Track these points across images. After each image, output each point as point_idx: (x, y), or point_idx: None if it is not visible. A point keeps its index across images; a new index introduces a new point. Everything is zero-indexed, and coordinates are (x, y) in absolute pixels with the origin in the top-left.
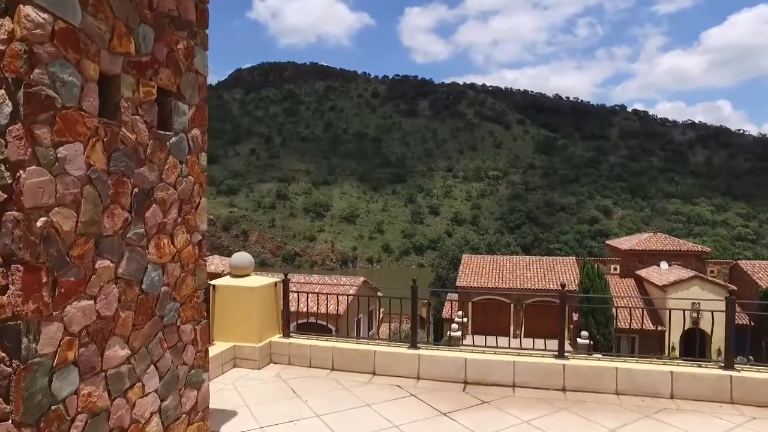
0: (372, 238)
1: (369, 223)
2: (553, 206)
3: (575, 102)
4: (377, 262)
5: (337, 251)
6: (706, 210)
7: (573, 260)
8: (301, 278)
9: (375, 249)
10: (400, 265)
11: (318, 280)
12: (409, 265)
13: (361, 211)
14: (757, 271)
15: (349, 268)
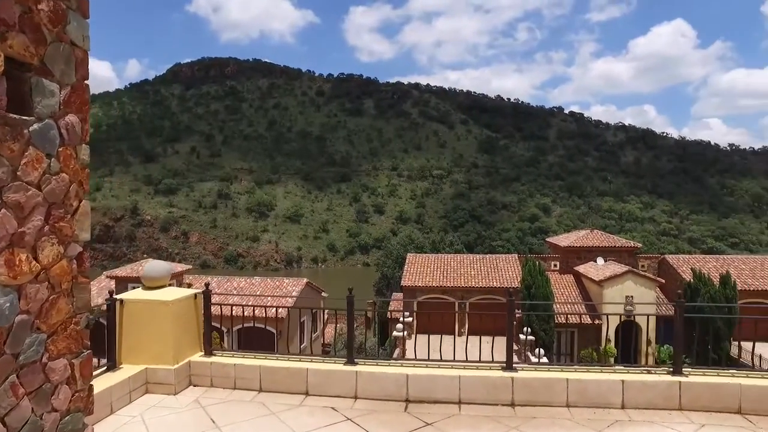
0: (317, 237)
1: (314, 223)
2: (496, 204)
3: (516, 103)
4: (322, 261)
5: (281, 251)
6: (635, 207)
7: (515, 258)
8: (242, 280)
9: (320, 249)
10: (345, 264)
11: (260, 282)
12: (355, 265)
13: (306, 210)
14: (681, 265)
15: (294, 268)
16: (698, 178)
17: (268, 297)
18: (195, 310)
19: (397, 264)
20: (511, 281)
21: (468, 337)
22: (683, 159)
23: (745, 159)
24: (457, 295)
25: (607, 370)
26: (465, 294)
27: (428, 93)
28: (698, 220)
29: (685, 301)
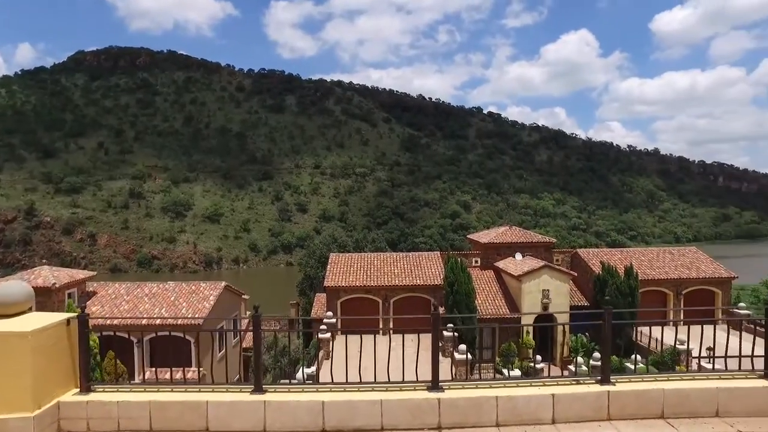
0: (238, 237)
1: (234, 222)
2: (418, 202)
3: (437, 103)
4: (244, 262)
5: (200, 252)
6: (549, 203)
7: (438, 255)
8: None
9: (241, 249)
10: (268, 264)
11: (174, 287)
12: (278, 265)
13: (226, 209)
14: (591, 258)
15: (214, 270)
16: (603, 176)
17: (183, 303)
18: (68, 339)
19: (320, 264)
20: (434, 278)
21: (392, 338)
22: (590, 158)
23: (641, 159)
24: (381, 294)
25: (537, 383)
26: (389, 293)
27: (351, 91)
28: (603, 215)
29: (612, 308)
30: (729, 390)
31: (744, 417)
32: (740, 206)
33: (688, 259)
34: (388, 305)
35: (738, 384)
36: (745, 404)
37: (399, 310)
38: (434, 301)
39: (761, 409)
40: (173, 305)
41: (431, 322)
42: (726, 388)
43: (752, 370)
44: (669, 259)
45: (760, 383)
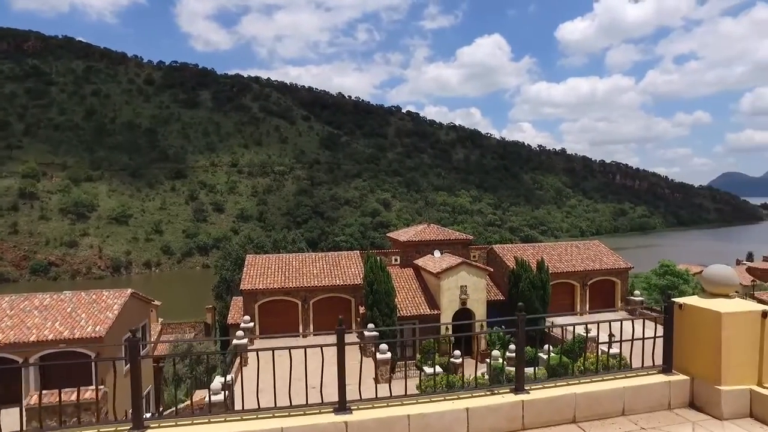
0: (149, 239)
1: (145, 224)
2: (338, 200)
3: (357, 101)
4: (156, 266)
5: (106, 257)
6: (465, 201)
7: (357, 254)
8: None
9: (153, 252)
10: (183, 267)
11: (71, 297)
12: (194, 267)
13: (135, 210)
14: (506, 254)
15: (123, 275)
16: (516, 174)
17: (82, 314)
18: None
19: (236, 266)
20: (353, 278)
21: (312, 337)
22: (504, 157)
23: (550, 158)
24: (300, 295)
25: (451, 396)
26: (308, 294)
27: (269, 87)
28: (517, 211)
29: (526, 314)
30: (633, 388)
31: (646, 413)
32: (633, 202)
33: (592, 252)
34: (307, 307)
35: (640, 382)
36: (648, 400)
37: (319, 311)
38: (341, 317)
39: (661, 403)
40: (70, 318)
41: (337, 336)
42: (631, 386)
43: (653, 366)
44: (576, 253)
45: (660, 378)
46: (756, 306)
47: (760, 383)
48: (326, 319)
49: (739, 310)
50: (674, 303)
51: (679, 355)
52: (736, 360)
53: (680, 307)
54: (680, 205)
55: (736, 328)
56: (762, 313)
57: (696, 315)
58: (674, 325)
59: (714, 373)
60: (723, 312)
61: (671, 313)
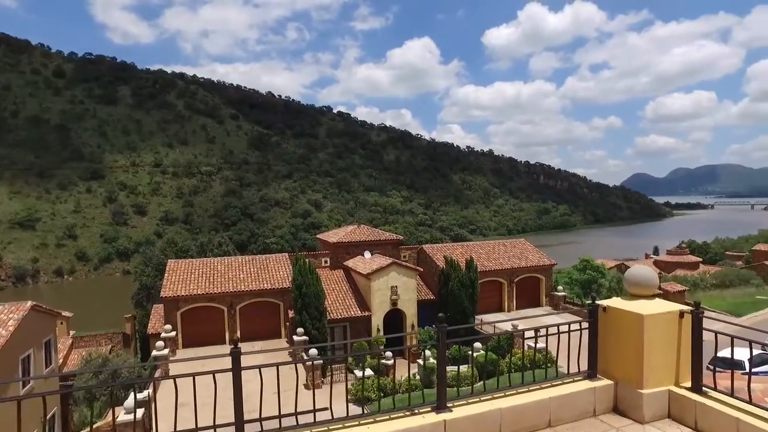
0: (61, 245)
1: (55, 228)
2: (268, 201)
3: (287, 101)
4: (69, 273)
5: (7, 265)
6: (396, 201)
7: (286, 257)
8: None
9: (66, 258)
10: (100, 274)
11: None
12: (113, 274)
13: (44, 213)
14: (436, 253)
15: (29, 285)
16: (445, 174)
17: None
18: None
19: (158, 271)
20: (282, 281)
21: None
22: (434, 158)
23: (478, 159)
24: (225, 301)
25: (366, 420)
26: (234, 299)
27: (195, 84)
28: (447, 210)
29: (447, 326)
30: (558, 398)
31: (572, 422)
32: (556, 201)
33: (518, 249)
34: (234, 312)
35: (566, 390)
36: (573, 409)
37: (246, 317)
38: (236, 338)
39: (586, 411)
40: None
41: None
42: (556, 396)
43: (578, 372)
44: (503, 251)
45: (585, 385)
46: (674, 306)
47: (677, 383)
48: (254, 324)
49: (660, 311)
50: (598, 306)
51: (604, 359)
52: (657, 362)
53: (604, 310)
54: (597, 204)
55: (657, 329)
56: (679, 313)
57: (619, 317)
58: (598, 329)
59: (636, 377)
60: (645, 314)
61: (596, 317)
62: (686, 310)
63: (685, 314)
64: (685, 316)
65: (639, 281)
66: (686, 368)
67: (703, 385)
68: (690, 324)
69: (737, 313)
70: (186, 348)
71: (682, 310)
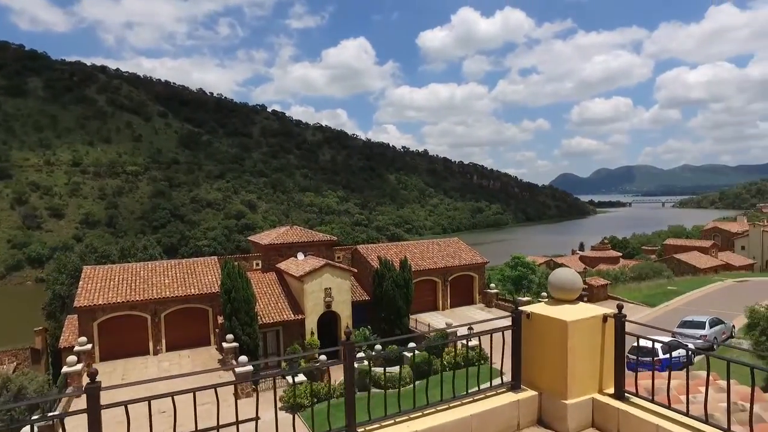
0: None
1: None
2: (200, 202)
3: (219, 98)
4: None
5: None
6: (332, 201)
7: (215, 260)
8: None
9: None
10: (8, 283)
11: None
12: (23, 282)
13: None
14: (370, 254)
15: None
16: (381, 174)
17: None
18: None
19: (74, 279)
20: (210, 286)
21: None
22: (370, 158)
23: (414, 159)
24: (148, 309)
25: None
26: (159, 306)
27: (119, 79)
28: (383, 210)
29: (353, 344)
30: (480, 415)
31: None
32: (489, 200)
33: (452, 248)
34: (158, 321)
35: (488, 405)
36: (497, 424)
37: (172, 325)
38: (92, 372)
39: (510, 425)
40: None
41: (86, 402)
42: (478, 413)
43: (501, 384)
44: (437, 250)
45: (508, 398)
46: (597, 310)
47: (600, 390)
48: (181, 332)
49: (583, 316)
50: (522, 312)
51: (528, 369)
52: (581, 370)
53: (528, 317)
54: (528, 203)
55: (581, 336)
56: (603, 317)
57: (543, 324)
58: (522, 336)
59: (560, 386)
60: (569, 321)
61: (519, 324)
62: (609, 314)
63: (608, 318)
64: (608, 320)
65: (563, 285)
66: (609, 374)
67: (626, 391)
68: (613, 328)
69: (652, 303)
70: (104, 362)
71: (605, 314)
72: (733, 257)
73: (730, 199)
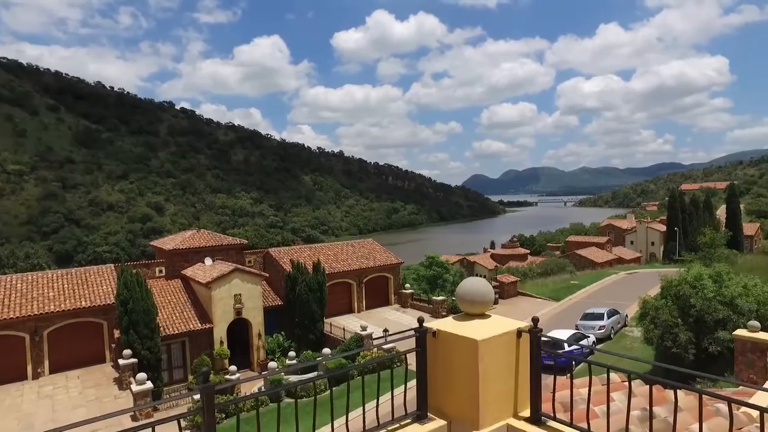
0: None
1: None
2: (100, 205)
3: (121, 93)
4: None
5: None
6: (246, 203)
7: (111, 268)
8: None
9: None
10: None
11: None
12: None
13: None
14: (282, 257)
15: None
16: (296, 175)
17: None
18: None
19: None
20: (105, 297)
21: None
22: (285, 159)
23: (329, 160)
24: (27, 326)
25: None
26: (41, 323)
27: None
28: (298, 212)
29: (213, 387)
30: None
31: None
32: (404, 201)
33: (366, 249)
34: (39, 339)
35: None
36: None
37: (59, 343)
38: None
39: None
40: None
41: None
42: None
43: (406, 414)
44: (351, 252)
45: (413, 431)
46: (510, 324)
47: (515, 414)
48: (69, 351)
49: (496, 333)
50: (426, 330)
51: (436, 394)
52: (494, 393)
53: (434, 335)
54: (441, 203)
55: (493, 355)
56: (517, 332)
57: (451, 343)
58: (428, 358)
59: (471, 413)
60: (479, 339)
61: (424, 345)
62: (524, 328)
63: (522, 333)
64: (522, 335)
65: (472, 298)
66: (525, 395)
67: (543, 414)
68: (528, 344)
69: (557, 297)
70: None
71: (519, 329)
72: (624, 251)
73: (620, 199)
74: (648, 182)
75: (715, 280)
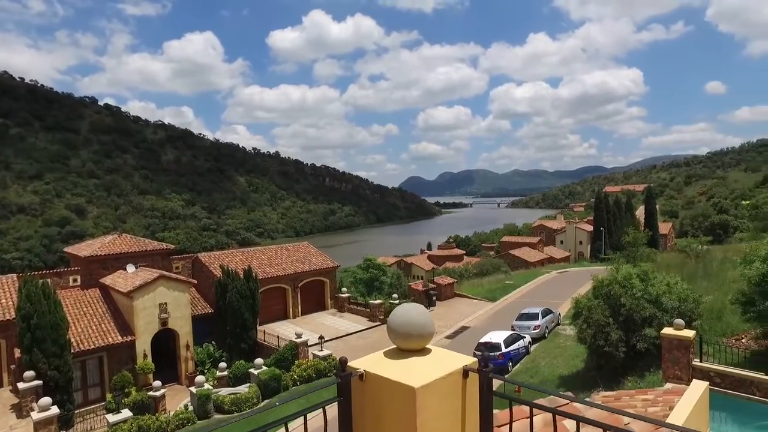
0: None
1: None
2: (8, 208)
3: (34, 85)
4: None
5: None
6: (177, 205)
7: (12, 279)
8: None
9: None
10: None
11: None
12: None
13: None
14: (212, 262)
15: None
16: (230, 176)
17: None
18: None
19: None
20: (4, 312)
21: None
22: (218, 159)
23: (265, 161)
24: None
25: None
26: None
27: None
28: (233, 214)
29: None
30: None
31: None
32: (341, 202)
33: (302, 253)
34: None
35: None
36: None
37: None
38: None
39: None
40: None
41: None
42: None
43: None
44: (286, 256)
45: None
46: (455, 362)
47: None
48: None
49: (437, 376)
50: (351, 374)
51: None
52: None
53: (361, 378)
54: (378, 205)
55: (434, 403)
56: (463, 372)
57: (383, 389)
58: (353, 409)
59: None
60: (417, 387)
61: (348, 392)
62: (471, 367)
63: (470, 372)
64: (470, 375)
65: (408, 331)
66: None
67: None
68: (477, 386)
69: (493, 298)
70: None
71: (466, 367)
72: (554, 251)
73: (550, 200)
74: (575, 184)
75: (642, 279)
